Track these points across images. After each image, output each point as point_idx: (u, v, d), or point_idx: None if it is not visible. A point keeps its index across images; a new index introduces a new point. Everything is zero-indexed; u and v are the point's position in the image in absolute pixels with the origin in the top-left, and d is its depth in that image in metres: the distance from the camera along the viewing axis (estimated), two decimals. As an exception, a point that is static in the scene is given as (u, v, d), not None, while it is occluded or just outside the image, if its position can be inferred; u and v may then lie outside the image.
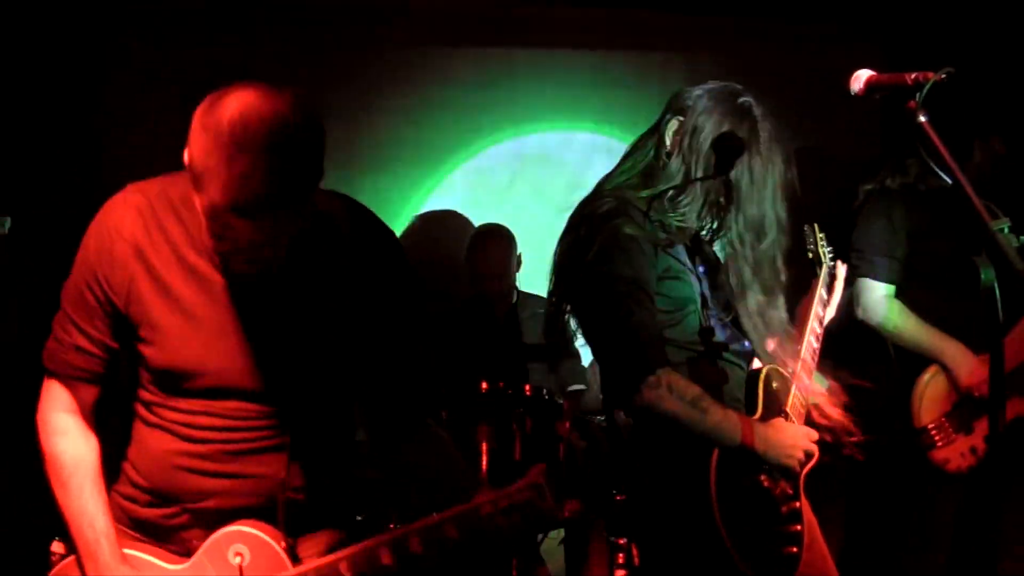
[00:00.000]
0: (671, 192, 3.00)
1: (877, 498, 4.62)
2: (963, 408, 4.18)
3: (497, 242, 5.48)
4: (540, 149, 6.00)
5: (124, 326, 2.47)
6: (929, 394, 4.19)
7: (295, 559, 2.48)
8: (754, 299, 3.06)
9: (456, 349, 5.24)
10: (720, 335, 3.07)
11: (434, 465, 2.64)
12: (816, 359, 3.32)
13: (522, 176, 6.01)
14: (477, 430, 4.37)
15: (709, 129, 2.99)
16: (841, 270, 3.70)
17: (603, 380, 3.15)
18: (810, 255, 3.57)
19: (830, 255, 3.65)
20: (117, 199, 2.48)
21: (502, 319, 5.44)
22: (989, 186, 4.21)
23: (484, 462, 4.36)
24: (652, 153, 3.07)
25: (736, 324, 3.15)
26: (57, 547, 2.59)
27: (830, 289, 3.60)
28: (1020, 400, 4.10)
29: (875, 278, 4.28)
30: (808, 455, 3.04)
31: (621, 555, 4.21)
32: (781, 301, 3.15)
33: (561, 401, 4.67)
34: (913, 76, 2.48)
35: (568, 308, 3.13)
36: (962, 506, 4.23)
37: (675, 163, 3.02)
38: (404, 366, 2.61)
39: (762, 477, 2.99)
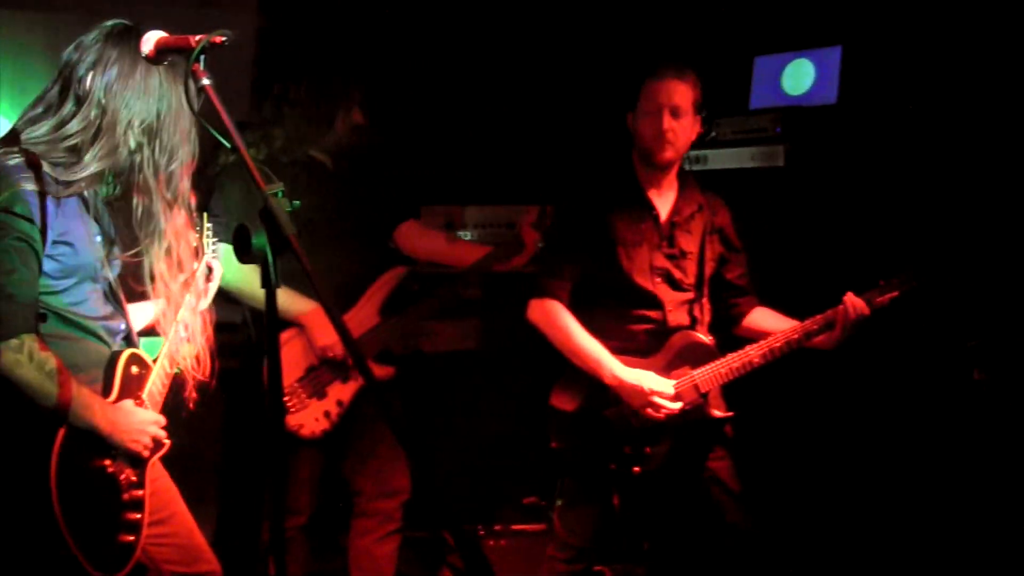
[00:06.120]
0: (83, 141, 2.88)
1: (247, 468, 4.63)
2: (317, 372, 4.15)
3: None
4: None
5: None
6: (283, 359, 4.08)
7: None
8: (168, 241, 3.02)
9: None
10: (98, 310, 3.00)
11: None
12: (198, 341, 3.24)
13: None
14: None
15: (121, 73, 2.90)
16: (217, 264, 3.50)
17: None
18: (193, 244, 3.34)
19: (213, 246, 3.47)
20: None
21: None
22: (350, 153, 4.32)
23: None
24: (66, 108, 2.90)
25: (116, 300, 3.06)
26: None
27: (207, 279, 3.43)
28: (375, 364, 4.18)
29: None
30: (156, 442, 3.04)
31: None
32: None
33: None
34: (198, 38, 2.46)
35: None
36: (322, 469, 4.25)
37: (90, 112, 2.89)
38: None
39: (107, 462, 2.94)
